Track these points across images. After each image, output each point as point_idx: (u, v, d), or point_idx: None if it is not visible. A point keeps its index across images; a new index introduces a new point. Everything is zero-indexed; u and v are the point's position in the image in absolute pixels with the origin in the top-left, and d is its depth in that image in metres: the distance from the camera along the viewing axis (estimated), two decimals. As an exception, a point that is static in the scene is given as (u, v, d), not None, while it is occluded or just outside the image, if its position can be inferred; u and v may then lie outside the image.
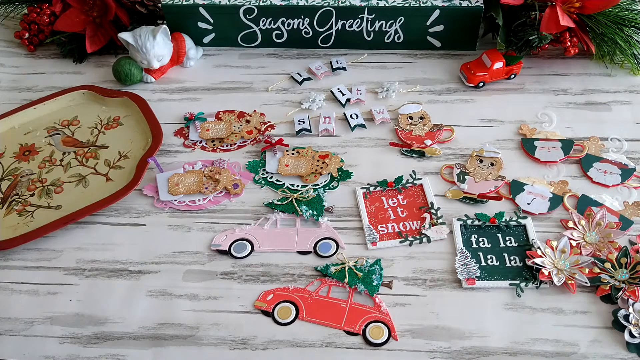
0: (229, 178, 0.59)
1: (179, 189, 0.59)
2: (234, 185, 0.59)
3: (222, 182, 0.59)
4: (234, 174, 0.60)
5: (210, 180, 0.59)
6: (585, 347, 0.50)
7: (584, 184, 0.61)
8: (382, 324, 0.52)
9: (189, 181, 0.61)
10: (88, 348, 0.52)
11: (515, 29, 0.71)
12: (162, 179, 0.61)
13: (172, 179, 0.60)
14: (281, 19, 0.75)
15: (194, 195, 0.60)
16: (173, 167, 0.63)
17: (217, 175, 0.59)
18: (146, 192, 0.61)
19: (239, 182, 0.59)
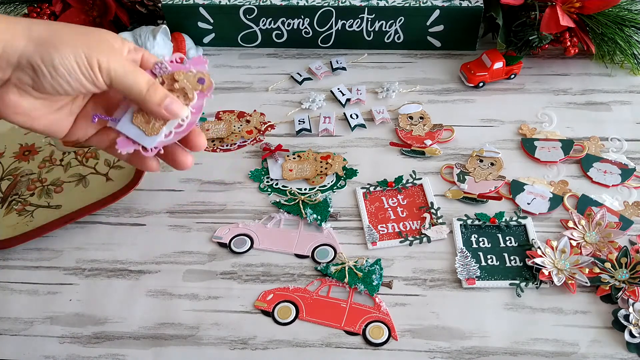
0: (189, 78, 0.47)
1: (155, 125, 0.46)
2: (199, 81, 0.47)
3: (188, 87, 0.47)
4: (189, 70, 0.47)
5: (174, 93, 0.46)
6: (585, 347, 0.50)
7: (584, 184, 0.61)
8: (382, 323, 0.52)
9: None
10: (88, 348, 0.52)
11: (515, 29, 0.71)
12: (127, 126, 0.47)
13: (137, 119, 0.47)
14: (281, 19, 0.75)
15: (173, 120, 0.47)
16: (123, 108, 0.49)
17: (176, 84, 0.46)
18: (123, 150, 0.47)
19: (200, 75, 0.46)
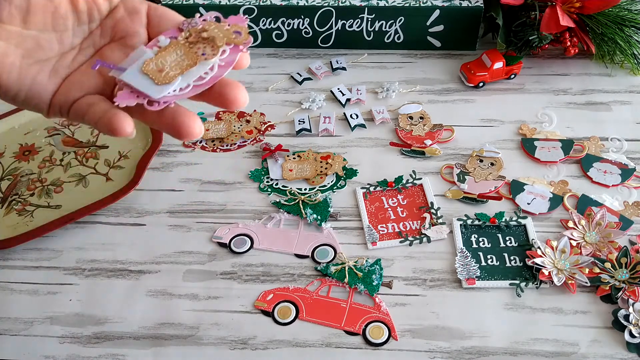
0: (222, 28, 0.37)
1: (168, 74, 0.36)
2: (235, 34, 0.37)
3: (218, 35, 0.37)
4: (224, 22, 0.38)
5: (201, 43, 0.37)
6: (585, 347, 0.50)
7: (584, 184, 0.61)
8: (382, 323, 0.52)
9: (173, 59, 0.37)
10: (88, 348, 0.52)
11: (515, 29, 0.71)
12: (134, 76, 0.36)
13: (148, 66, 0.36)
14: (281, 19, 0.75)
15: (195, 70, 0.37)
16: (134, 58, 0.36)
17: (204, 33, 0.37)
18: (122, 102, 0.35)
19: (237, 27, 0.37)
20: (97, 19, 0.37)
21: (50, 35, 0.36)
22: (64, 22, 0.36)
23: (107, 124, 0.34)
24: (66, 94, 0.36)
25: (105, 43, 0.38)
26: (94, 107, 0.35)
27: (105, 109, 0.34)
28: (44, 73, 0.35)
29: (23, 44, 0.35)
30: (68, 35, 0.36)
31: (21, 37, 0.34)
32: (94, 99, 0.35)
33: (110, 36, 0.38)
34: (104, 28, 0.38)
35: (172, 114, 0.37)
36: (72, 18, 0.36)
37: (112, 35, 0.38)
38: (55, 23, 0.36)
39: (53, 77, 0.36)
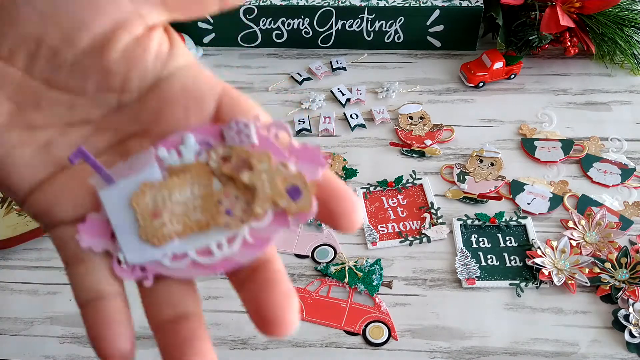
0: (275, 176, 0.21)
1: (164, 227, 0.22)
2: (290, 192, 0.21)
3: (262, 189, 0.21)
4: (283, 161, 0.22)
5: (233, 187, 0.22)
6: (585, 347, 0.50)
7: (584, 184, 0.61)
8: (382, 323, 0.52)
9: (182, 199, 0.22)
10: (88, 348, 0.52)
11: (515, 29, 0.70)
12: (116, 201, 0.22)
13: (141, 198, 0.22)
14: (281, 19, 0.75)
15: (205, 235, 0.22)
16: (134, 165, 0.23)
17: (247, 172, 0.21)
18: (85, 242, 0.22)
19: (299, 180, 0.21)
20: (136, 90, 0.23)
21: (60, 94, 0.23)
22: (83, 81, 0.22)
23: (91, 331, 0.23)
24: (51, 199, 0.23)
25: (136, 130, 0.23)
26: (83, 270, 0.23)
27: (97, 287, 0.23)
28: (30, 146, 0.23)
29: (18, 94, 0.22)
30: (84, 102, 0.23)
31: (19, 85, 0.22)
32: (88, 254, 0.23)
33: (148, 123, 0.23)
34: (142, 107, 0.23)
35: (182, 344, 0.23)
36: (97, 77, 0.22)
37: (150, 124, 0.23)
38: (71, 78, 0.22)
39: (40, 156, 0.23)
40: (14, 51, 0.22)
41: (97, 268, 0.23)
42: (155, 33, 0.23)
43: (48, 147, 0.23)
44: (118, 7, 0.22)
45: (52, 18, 0.21)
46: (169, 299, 0.23)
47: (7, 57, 0.22)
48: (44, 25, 0.21)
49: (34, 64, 0.22)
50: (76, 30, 0.22)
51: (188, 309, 0.23)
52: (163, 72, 0.23)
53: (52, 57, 0.22)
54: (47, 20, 0.21)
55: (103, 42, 0.22)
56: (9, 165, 0.22)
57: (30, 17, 0.21)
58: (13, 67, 0.22)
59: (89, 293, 0.23)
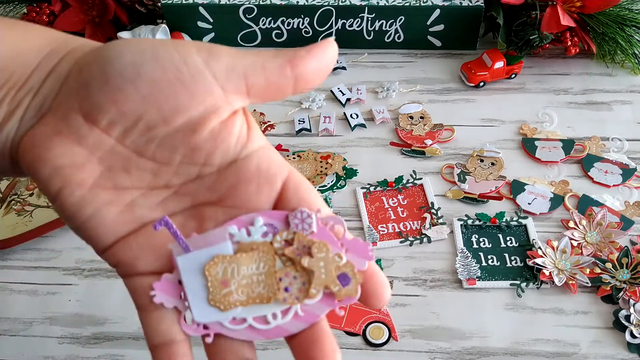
0: (330, 264, 0.26)
1: (231, 296, 0.26)
2: (340, 278, 0.26)
3: (319, 274, 0.26)
4: (338, 252, 0.26)
5: (292, 268, 0.26)
6: (586, 348, 0.50)
7: (584, 184, 0.61)
8: (382, 324, 0.52)
9: (248, 273, 0.26)
10: (87, 348, 0.52)
11: (515, 29, 0.70)
12: (191, 268, 0.26)
13: (214, 268, 0.26)
14: (281, 19, 0.75)
15: (264, 306, 0.26)
16: (209, 239, 0.27)
17: (307, 258, 0.26)
18: (159, 300, 0.27)
19: (349, 269, 0.26)
20: (217, 165, 0.26)
21: (147, 162, 0.26)
22: (171, 154, 0.26)
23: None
24: (132, 252, 0.26)
25: (211, 199, 0.27)
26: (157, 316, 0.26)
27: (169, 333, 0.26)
28: (116, 206, 0.26)
29: (109, 159, 0.26)
30: (167, 170, 0.26)
31: (111, 151, 0.26)
32: (166, 314, 0.26)
33: (222, 195, 0.27)
34: (220, 180, 0.27)
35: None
36: (184, 152, 0.26)
37: (224, 195, 0.27)
38: (159, 151, 0.26)
39: (125, 215, 0.26)
40: (112, 124, 0.25)
41: (168, 316, 0.26)
42: (238, 117, 0.27)
43: (132, 207, 0.26)
44: (212, 95, 0.25)
45: (153, 101, 0.25)
46: (231, 347, 0.26)
47: (105, 128, 0.25)
48: (144, 106, 0.25)
49: (127, 136, 0.25)
50: (173, 113, 0.25)
51: (247, 356, 0.26)
52: (242, 152, 0.26)
53: (145, 132, 0.25)
54: (148, 102, 0.25)
55: (196, 124, 0.25)
56: (96, 222, 0.26)
57: (133, 97, 0.24)
58: (108, 137, 0.25)
59: (162, 337, 0.26)
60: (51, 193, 0.25)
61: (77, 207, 0.25)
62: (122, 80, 0.24)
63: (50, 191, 0.25)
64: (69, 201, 0.25)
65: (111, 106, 0.25)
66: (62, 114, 0.25)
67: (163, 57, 0.24)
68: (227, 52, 0.26)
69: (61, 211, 0.26)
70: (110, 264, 0.27)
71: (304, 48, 0.28)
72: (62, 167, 0.25)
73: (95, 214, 0.26)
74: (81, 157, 0.25)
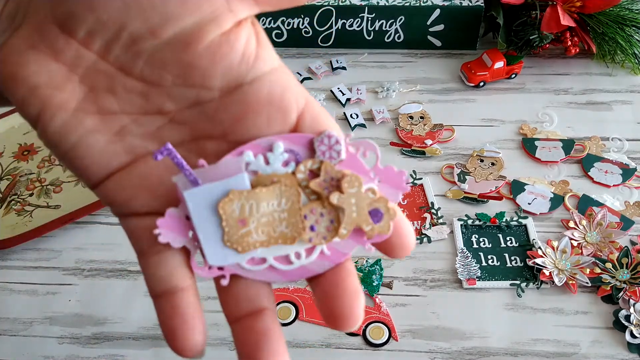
0: (362, 200, 0.23)
1: (250, 236, 0.23)
2: (372, 214, 0.23)
3: (349, 212, 0.22)
4: (371, 187, 0.23)
5: (319, 204, 0.23)
6: (586, 348, 0.50)
7: (585, 184, 0.61)
8: (382, 324, 0.52)
9: (269, 210, 0.23)
10: (87, 348, 0.52)
11: (516, 29, 0.70)
12: (201, 204, 0.22)
13: (229, 205, 0.22)
14: (281, 18, 0.75)
15: (285, 246, 0.23)
16: (222, 170, 0.22)
17: (337, 194, 0.22)
18: (165, 239, 0.23)
19: (382, 204, 0.23)
20: (218, 89, 0.22)
21: (135, 82, 0.22)
22: (160, 72, 0.22)
23: (166, 325, 0.23)
24: (126, 189, 0.23)
25: (213, 132, 0.23)
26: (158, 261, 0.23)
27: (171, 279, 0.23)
28: (104, 133, 0.22)
29: (91, 77, 0.22)
30: (159, 92, 0.22)
31: (92, 68, 0.22)
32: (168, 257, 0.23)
33: (225, 127, 0.23)
34: (222, 108, 0.22)
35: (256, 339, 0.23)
36: (176, 70, 0.22)
37: (228, 127, 0.23)
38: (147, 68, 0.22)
39: (115, 144, 0.23)
40: (91, 35, 0.21)
41: (171, 260, 0.23)
42: (244, 29, 0.22)
43: (122, 134, 0.23)
44: (210, 0, 0.21)
45: (136, 8, 0.20)
46: (246, 294, 0.23)
47: (83, 40, 0.21)
48: (126, 14, 0.21)
49: (110, 50, 0.22)
50: (162, 23, 0.21)
51: (263, 304, 0.23)
52: (249, 74, 0.22)
53: (130, 45, 0.21)
54: (130, 9, 0.20)
55: (189, 36, 0.21)
56: (83, 152, 0.22)
57: (113, 3, 0.20)
58: (88, 51, 0.22)
59: (164, 285, 0.23)
60: (30, 117, 0.22)
61: (59, 134, 0.22)
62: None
63: (28, 115, 0.22)
64: (51, 127, 0.22)
65: (88, 14, 0.21)
66: (36, 25, 0.21)
67: None
68: None
69: (43, 138, 0.23)
70: (103, 203, 0.24)
71: None
72: (39, 87, 0.22)
73: (80, 142, 0.22)
74: (60, 75, 0.22)
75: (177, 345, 0.23)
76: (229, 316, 0.24)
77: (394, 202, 0.23)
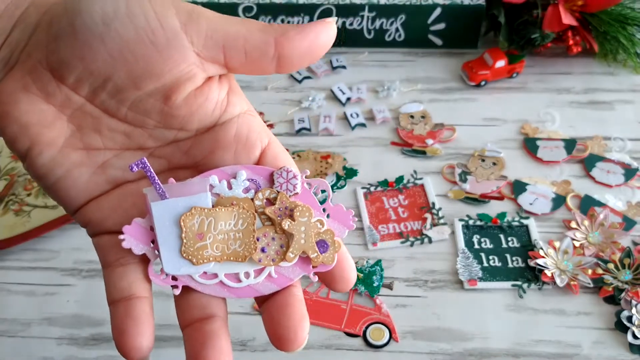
0: (311, 229, 0.25)
1: (205, 250, 0.25)
2: (318, 245, 0.25)
3: (298, 239, 0.25)
4: (320, 219, 0.26)
5: (272, 229, 0.26)
6: (587, 349, 0.49)
7: (586, 183, 0.61)
8: (383, 325, 0.52)
9: (225, 229, 0.25)
10: (86, 349, 0.52)
11: (517, 27, 0.70)
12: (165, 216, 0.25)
13: (190, 219, 0.25)
14: (281, 17, 0.74)
15: (237, 264, 0.26)
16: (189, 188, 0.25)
17: (288, 221, 0.25)
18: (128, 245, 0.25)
19: (329, 236, 0.26)
20: (194, 130, 0.26)
21: (119, 124, 0.25)
22: (143, 118, 0.25)
23: (116, 326, 0.25)
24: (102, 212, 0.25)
25: (186, 163, 0.26)
26: (120, 272, 0.25)
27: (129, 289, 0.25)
28: (87, 168, 0.25)
29: (78, 117, 0.25)
30: (141, 134, 0.26)
31: (81, 111, 0.25)
32: (128, 254, 0.25)
33: (198, 160, 0.26)
34: (196, 145, 0.26)
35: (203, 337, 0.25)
36: (158, 117, 0.25)
37: (201, 160, 0.26)
38: (131, 113, 0.25)
39: (97, 176, 0.25)
40: (80, 82, 0.24)
41: (132, 272, 0.25)
42: (214, 83, 0.25)
43: (104, 168, 0.25)
44: (186, 60, 0.24)
45: (122, 62, 0.23)
46: (199, 302, 0.26)
47: (73, 85, 0.24)
48: (113, 66, 0.23)
49: (97, 96, 0.24)
50: (144, 78, 0.23)
51: (214, 312, 0.25)
52: (222, 117, 0.25)
53: (115, 93, 0.24)
54: (117, 63, 0.23)
55: (169, 90, 0.24)
56: (68, 184, 0.25)
57: (101, 56, 0.23)
58: (77, 95, 0.24)
59: (121, 292, 0.25)
60: (19, 152, 0.25)
61: (47, 168, 0.25)
62: (91, 36, 0.23)
63: (17, 150, 0.24)
64: (39, 162, 0.24)
65: (78, 63, 0.23)
66: (30, 68, 0.24)
67: (137, 15, 0.23)
68: (209, 17, 0.25)
69: (31, 171, 0.25)
70: (80, 224, 0.26)
71: (296, 26, 0.25)
72: (30, 125, 0.24)
73: (66, 176, 0.25)
74: (49, 115, 0.24)
75: (124, 346, 0.24)
76: (181, 322, 0.26)
77: (340, 237, 0.26)
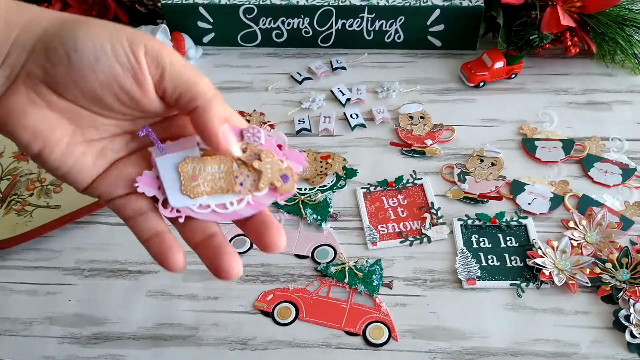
0: (275, 166, 0.34)
1: (198, 187, 0.34)
2: (282, 178, 0.34)
3: (266, 174, 0.34)
4: (280, 159, 0.35)
5: (246, 169, 0.34)
6: (586, 348, 0.50)
7: (584, 184, 0.61)
8: (382, 324, 0.52)
9: (212, 171, 0.34)
10: (87, 348, 0.52)
11: (515, 29, 0.70)
12: (167, 166, 0.34)
13: (185, 166, 0.34)
14: (281, 19, 0.75)
15: (224, 196, 0.34)
16: (181, 145, 0.34)
17: (257, 162, 0.34)
18: (142, 188, 0.33)
19: (289, 171, 0.35)
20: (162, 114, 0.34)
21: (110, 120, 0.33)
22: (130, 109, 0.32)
23: (158, 253, 0.32)
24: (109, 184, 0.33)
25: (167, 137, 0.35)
26: (142, 220, 0.33)
27: (155, 228, 0.32)
28: (90, 155, 0.32)
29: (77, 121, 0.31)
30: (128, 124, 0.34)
31: (79, 114, 0.31)
32: (142, 206, 0.33)
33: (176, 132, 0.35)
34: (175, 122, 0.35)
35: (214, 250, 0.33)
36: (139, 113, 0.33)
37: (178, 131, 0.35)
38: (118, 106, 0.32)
39: (99, 160, 0.33)
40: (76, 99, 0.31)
41: (151, 218, 0.33)
42: None
43: (103, 152, 0.33)
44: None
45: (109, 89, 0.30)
46: (199, 226, 0.33)
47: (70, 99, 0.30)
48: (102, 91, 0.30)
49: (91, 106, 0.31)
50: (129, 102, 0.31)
51: (213, 230, 0.33)
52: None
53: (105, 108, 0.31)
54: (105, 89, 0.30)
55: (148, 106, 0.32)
56: (77, 170, 0.32)
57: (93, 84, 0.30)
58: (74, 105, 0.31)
59: (150, 232, 0.32)
60: (33, 153, 0.31)
61: (58, 162, 0.31)
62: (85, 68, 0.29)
63: (32, 152, 0.31)
64: (51, 158, 0.31)
65: (73, 86, 0.30)
66: (32, 86, 0.30)
67: (120, 55, 0.30)
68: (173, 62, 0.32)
69: (45, 167, 0.32)
70: (93, 197, 0.34)
71: None
72: (40, 131, 0.30)
73: (75, 165, 0.32)
74: (54, 120, 0.30)
75: (168, 264, 0.32)
76: (190, 243, 0.33)
77: (297, 171, 0.34)
